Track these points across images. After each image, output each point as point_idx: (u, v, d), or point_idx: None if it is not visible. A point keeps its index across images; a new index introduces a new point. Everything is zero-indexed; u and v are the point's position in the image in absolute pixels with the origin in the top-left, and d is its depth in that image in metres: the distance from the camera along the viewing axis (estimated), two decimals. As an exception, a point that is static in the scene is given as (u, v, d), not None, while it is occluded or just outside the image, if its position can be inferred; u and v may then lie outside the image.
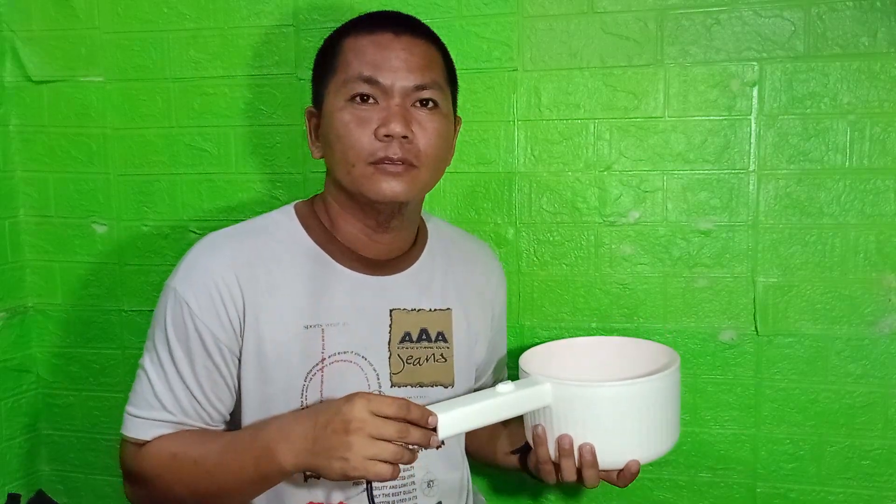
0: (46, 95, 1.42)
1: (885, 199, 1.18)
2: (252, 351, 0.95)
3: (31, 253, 1.46)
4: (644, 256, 1.26)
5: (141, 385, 0.96)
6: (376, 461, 0.82)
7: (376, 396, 0.85)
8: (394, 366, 1.01)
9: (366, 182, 0.94)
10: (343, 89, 0.95)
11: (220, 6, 1.34)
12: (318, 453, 0.84)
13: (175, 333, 0.94)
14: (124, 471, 0.99)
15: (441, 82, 0.98)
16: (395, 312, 1.02)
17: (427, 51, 0.97)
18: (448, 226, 1.17)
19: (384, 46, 0.95)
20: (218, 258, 0.95)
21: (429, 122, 0.95)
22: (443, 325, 1.05)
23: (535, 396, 0.93)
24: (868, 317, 1.20)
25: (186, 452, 0.92)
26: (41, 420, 1.50)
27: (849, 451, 1.23)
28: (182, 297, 0.94)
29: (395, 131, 0.92)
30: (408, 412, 0.84)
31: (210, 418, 0.97)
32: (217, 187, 1.38)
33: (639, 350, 1.08)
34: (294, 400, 0.96)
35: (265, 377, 0.95)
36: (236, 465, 0.89)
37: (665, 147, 1.24)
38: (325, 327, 0.97)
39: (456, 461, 1.07)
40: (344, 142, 0.94)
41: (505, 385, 0.92)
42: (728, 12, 1.20)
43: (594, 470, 0.93)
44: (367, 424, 0.82)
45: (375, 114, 0.93)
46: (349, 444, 0.82)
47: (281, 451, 0.86)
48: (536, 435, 0.95)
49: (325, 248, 1.00)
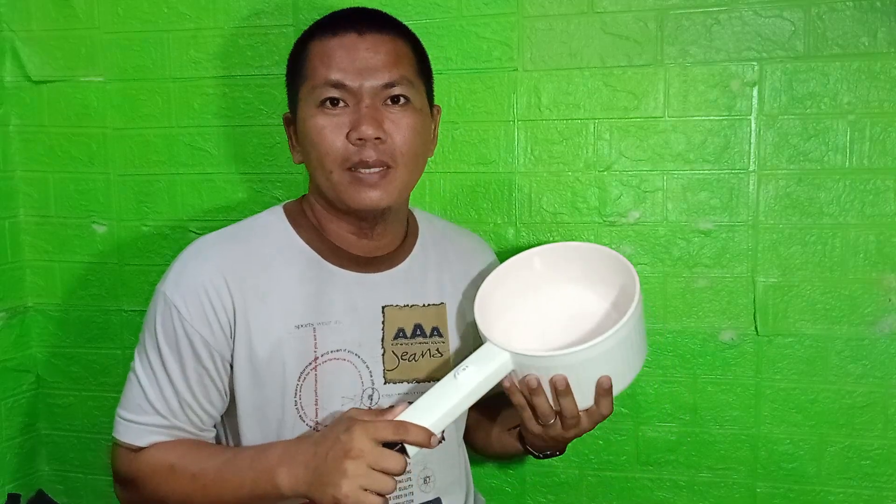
0: (46, 95, 1.42)
1: (885, 199, 1.18)
2: (244, 354, 0.95)
3: (30, 253, 1.46)
4: (644, 256, 1.26)
5: (132, 389, 0.97)
6: (369, 492, 0.82)
7: (372, 422, 0.84)
8: (388, 363, 1.01)
9: (344, 190, 0.94)
10: (312, 95, 0.95)
11: (220, 6, 1.34)
12: (314, 482, 0.84)
13: (165, 338, 0.94)
14: (116, 473, 0.99)
15: (411, 76, 0.97)
16: (387, 309, 1.02)
17: (394, 47, 0.96)
18: (439, 220, 1.17)
19: (349, 48, 0.94)
20: (207, 263, 0.95)
21: (402, 119, 0.95)
22: (437, 319, 1.05)
23: (498, 371, 0.90)
24: (868, 317, 1.20)
25: (185, 465, 0.92)
26: (41, 420, 1.50)
27: (849, 451, 1.23)
28: (172, 302, 0.94)
29: (366, 134, 0.92)
30: (406, 434, 0.84)
31: (201, 422, 0.97)
32: (217, 187, 1.38)
33: (591, 258, 1.02)
34: (289, 400, 0.96)
35: (259, 379, 0.95)
36: (235, 482, 0.89)
37: (665, 147, 1.24)
38: (316, 326, 0.97)
39: (453, 457, 1.07)
40: (319, 148, 0.94)
41: (464, 372, 0.90)
42: (728, 12, 1.20)
43: (569, 397, 0.90)
44: (366, 454, 0.82)
45: (346, 117, 0.93)
46: (345, 472, 0.82)
47: (281, 474, 0.86)
48: (505, 387, 0.93)
49: (315, 247, 1.00)
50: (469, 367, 0.90)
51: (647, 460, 1.29)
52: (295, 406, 0.96)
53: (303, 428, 0.97)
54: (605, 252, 1.01)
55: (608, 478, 1.31)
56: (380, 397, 1.00)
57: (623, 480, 1.31)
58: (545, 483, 1.33)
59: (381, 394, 1.00)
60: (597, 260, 1.02)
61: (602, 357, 0.89)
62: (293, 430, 0.96)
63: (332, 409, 0.97)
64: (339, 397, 0.98)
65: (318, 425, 0.97)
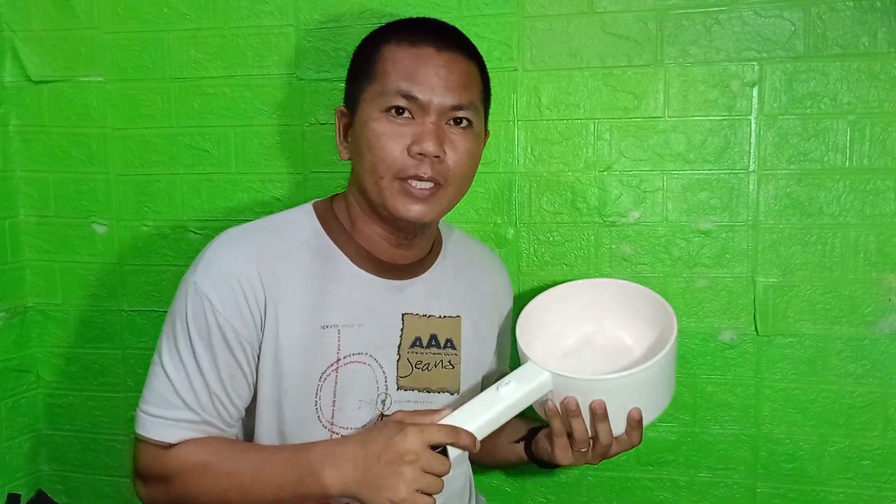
0: (46, 95, 1.42)
1: (885, 199, 1.18)
2: (270, 347, 0.95)
3: (31, 253, 1.46)
4: (644, 256, 1.26)
5: (158, 382, 0.95)
6: (423, 494, 0.85)
7: (428, 427, 0.87)
8: (402, 369, 1.01)
9: (391, 197, 0.94)
10: (379, 99, 0.94)
11: (220, 6, 1.34)
12: (367, 483, 0.85)
13: (196, 329, 0.93)
14: (141, 471, 0.97)
15: (477, 102, 0.98)
16: (407, 317, 1.02)
17: (467, 69, 0.97)
18: (461, 233, 1.18)
19: (424, 61, 0.94)
20: (238, 252, 0.95)
21: (461, 142, 0.96)
22: (451, 332, 1.06)
23: (537, 389, 0.94)
24: (868, 317, 1.20)
25: (220, 463, 0.92)
26: (41, 420, 1.50)
27: (849, 451, 1.23)
28: (203, 291, 0.93)
29: (428, 151, 0.92)
30: (458, 438, 0.87)
31: (229, 416, 0.96)
32: (217, 187, 1.38)
33: (634, 297, 1.08)
34: (309, 399, 0.96)
35: (281, 374, 0.95)
36: (276, 482, 0.89)
37: (665, 147, 1.24)
38: (341, 328, 0.97)
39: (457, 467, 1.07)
40: (375, 153, 0.94)
41: (506, 387, 0.93)
42: (728, 12, 1.20)
43: (606, 423, 0.94)
44: (420, 458, 0.85)
45: (410, 129, 0.93)
46: (401, 475, 0.84)
47: (328, 474, 0.87)
48: (548, 409, 0.96)
49: (342, 248, 1.00)
50: (511, 383, 0.94)
51: (647, 460, 1.29)
52: (315, 405, 0.96)
53: (318, 426, 0.97)
54: (649, 294, 1.06)
55: (608, 478, 1.31)
56: (392, 403, 1.00)
57: (623, 480, 1.31)
58: (545, 483, 1.33)
59: (392, 399, 1.01)
60: (638, 299, 1.07)
61: (636, 387, 0.93)
62: (308, 428, 0.96)
63: (348, 410, 0.98)
64: (357, 399, 0.98)
65: (333, 425, 0.97)
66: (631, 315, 1.08)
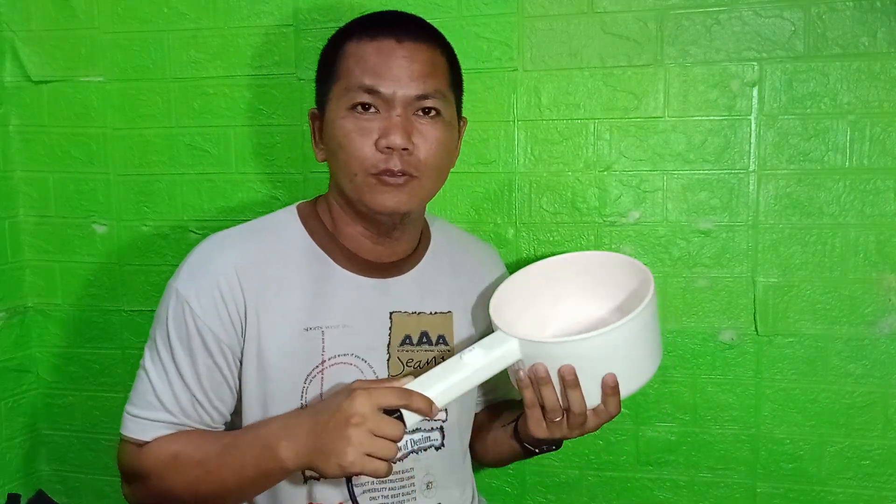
0: (46, 95, 1.42)
1: (885, 199, 1.18)
2: (253, 351, 0.95)
3: (31, 253, 1.46)
4: (644, 256, 1.26)
5: (142, 385, 0.97)
6: (373, 457, 0.83)
7: (377, 389, 0.85)
8: (393, 368, 1.00)
9: (367, 192, 0.94)
10: (344, 97, 0.94)
11: (220, 6, 1.34)
12: (318, 450, 0.84)
13: (177, 334, 0.94)
14: (123, 470, 0.99)
15: (444, 89, 0.97)
16: (395, 315, 1.02)
17: (431, 57, 0.96)
18: (453, 227, 1.17)
19: (386, 53, 0.93)
20: (220, 259, 0.95)
21: (430, 132, 0.95)
22: (443, 328, 1.05)
23: (503, 356, 0.90)
24: (868, 317, 1.20)
25: (188, 453, 0.92)
26: (41, 420, 1.50)
27: (849, 451, 1.23)
28: (184, 297, 0.94)
29: (395, 144, 0.91)
30: (409, 400, 0.85)
31: (211, 419, 0.97)
32: (217, 187, 1.38)
33: (609, 265, 1.03)
34: (294, 401, 0.96)
35: (265, 378, 0.95)
36: (238, 464, 0.89)
37: (665, 147, 1.24)
38: (325, 329, 0.97)
39: (457, 462, 1.07)
40: (346, 151, 0.94)
41: (470, 353, 0.90)
42: (728, 12, 1.20)
43: (577, 391, 0.89)
44: (367, 420, 0.83)
45: (376, 123, 0.93)
46: (349, 438, 0.82)
47: (283, 448, 0.86)
48: (520, 379, 0.92)
49: (326, 249, 1.00)
50: (475, 349, 0.91)
51: (647, 460, 1.30)
52: (300, 407, 0.96)
53: None
54: (621, 259, 1.02)
55: (608, 478, 1.31)
56: None
57: (623, 480, 1.31)
58: (545, 483, 1.33)
59: None
60: (612, 267, 1.03)
61: (610, 351, 0.89)
62: None
63: None
64: None
65: None
66: (607, 286, 1.03)
